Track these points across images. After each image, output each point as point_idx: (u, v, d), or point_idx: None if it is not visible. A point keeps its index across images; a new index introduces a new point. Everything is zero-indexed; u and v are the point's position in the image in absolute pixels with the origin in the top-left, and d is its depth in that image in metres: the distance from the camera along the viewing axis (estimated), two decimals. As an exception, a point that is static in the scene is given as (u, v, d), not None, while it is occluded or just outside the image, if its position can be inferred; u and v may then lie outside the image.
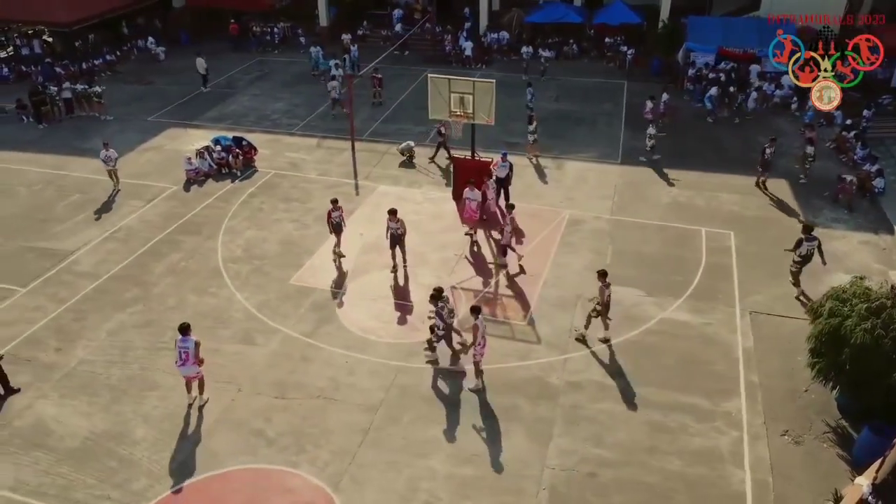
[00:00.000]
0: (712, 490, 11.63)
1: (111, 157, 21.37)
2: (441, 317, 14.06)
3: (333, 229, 17.58)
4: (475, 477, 11.86)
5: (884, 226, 19.58)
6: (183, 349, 12.74)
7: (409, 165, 23.44)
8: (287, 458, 12.24)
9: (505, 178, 19.97)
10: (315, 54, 32.12)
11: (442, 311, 14.01)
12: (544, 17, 34.11)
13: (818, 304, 13.24)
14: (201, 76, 30.89)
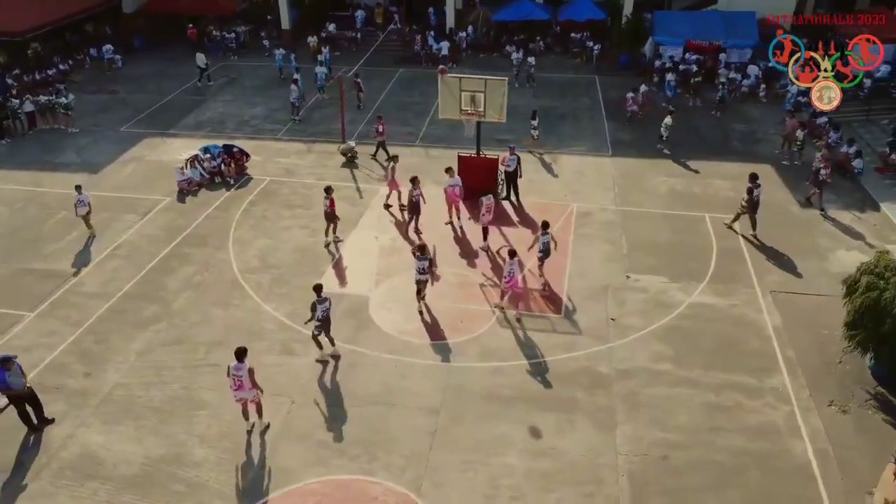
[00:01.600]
0: (779, 463, 12.11)
1: (84, 202, 18.72)
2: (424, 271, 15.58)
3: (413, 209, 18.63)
4: (553, 470, 11.97)
5: (869, 203, 20.76)
6: (237, 376, 12.17)
7: (352, 166, 23.28)
8: (361, 467, 12.03)
9: (514, 171, 20.14)
10: (279, 57, 31.43)
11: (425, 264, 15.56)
12: (511, 16, 34.47)
13: (852, 279, 13.96)
14: (199, 70, 30.84)
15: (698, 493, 11.52)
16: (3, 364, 12.21)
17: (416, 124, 26.82)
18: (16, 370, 12.39)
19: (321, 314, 13.97)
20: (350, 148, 23.56)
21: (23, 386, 12.50)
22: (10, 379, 12.28)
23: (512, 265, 15.40)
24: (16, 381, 12.39)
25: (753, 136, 25.68)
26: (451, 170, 19.04)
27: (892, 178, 22.03)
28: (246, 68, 33.67)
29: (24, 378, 12.56)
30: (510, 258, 15.44)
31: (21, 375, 12.50)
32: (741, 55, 30.16)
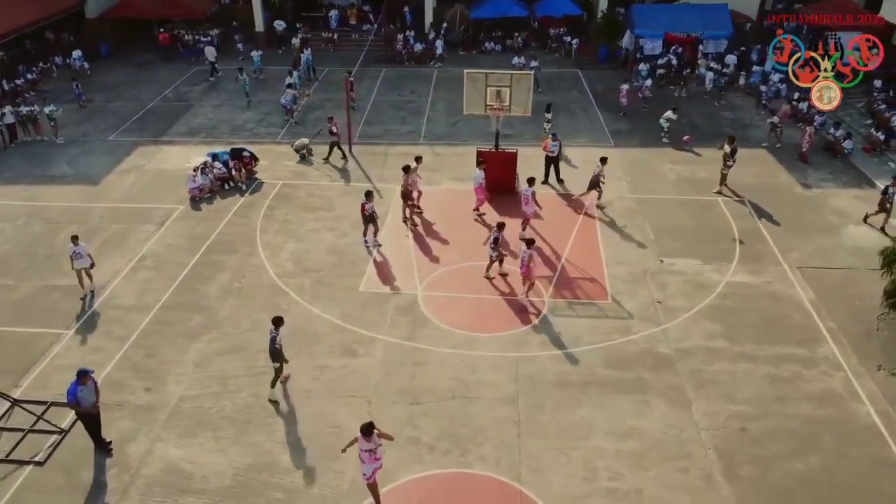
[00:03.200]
0: (848, 426, 12.80)
1: (82, 254, 16.19)
2: None
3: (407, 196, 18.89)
4: (642, 449, 12.31)
5: (865, 181, 22.00)
6: (367, 449, 10.59)
7: (307, 162, 23.34)
8: (456, 461, 12.09)
9: (556, 156, 21.00)
10: (257, 59, 30.84)
11: None
12: (489, 13, 34.80)
13: (890, 251, 14.85)
14: (210, 64, 31.29)
15: (782, 460, 12.07)
16: (79, 377, 11.73)
17: (415, 123, 26.84)
18: (90, 386, 11.90)
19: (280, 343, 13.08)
20: (304, 144, 23.53)
21: (93, 403, 12.02)
22: (81, 394, 11.78)
23: (525, 254, 15.57)
24: (87, 397, 11.89)
25: (741, 122, 26.79)
26: (482, 163, 19.40)
27: (878, 156, 23.39)
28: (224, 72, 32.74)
29: (96, 396, 12.09)
30: (527, 246, 15.63)
31: (94, 393, 12.03)
32: (717, 46, 31.35)
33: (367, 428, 10.52)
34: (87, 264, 16.40)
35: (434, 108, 28.35)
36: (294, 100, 26.83)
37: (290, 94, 26.65)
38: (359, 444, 10.63)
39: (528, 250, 15.53)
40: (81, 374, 11.76)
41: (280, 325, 13.13)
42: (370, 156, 23.92)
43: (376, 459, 10.77)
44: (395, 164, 23.07)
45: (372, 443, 10.57)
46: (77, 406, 11.93)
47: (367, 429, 10.52)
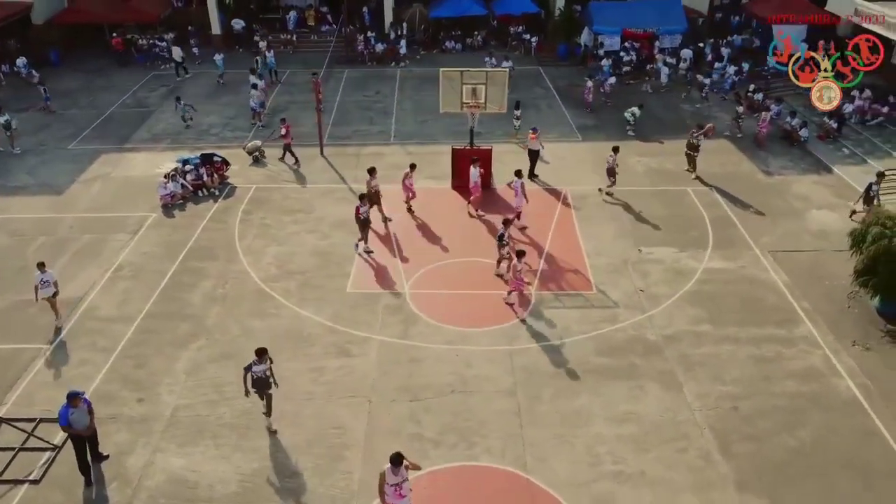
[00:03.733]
0: (831, 400, 13.40)
1: (48, 282, 15.03)
2: None
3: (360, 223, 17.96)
4: (640, 432, 12.65)
5: (822, 167, 22.97)
6: (394, 483, 9.93)
7: (260, 164, 23.14)
8: (463, 454, 12.22)
9: (537, 151, 21.49)
10: (220, 62, 30.31)
11: None
12: (449, 12, 34.99)
13: (858, 232, 15.58)
14: (176, 63, 31.17)
15: (774, 436, 12.57)
16: (69, 400, 11.21)
17: (384, 123, 26.84)
18: (82, 408, 11.33)
19: (257, 375, 12.19)
20: (256, 146, 23.29)
21: (86, 426, 11.44)
22: (73, 417, 11.24)
23: (518, 265, 15.58)
24: (79, 419, 11.31)
25: (702, 114, 27.59)
26: (476, 162, 19.60)
27: (832, 143, 24.45)
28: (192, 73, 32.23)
29: (89, 417, 11.52)
30: (518, 259, 15.63)
31: (87, 414, 11.46)
32: (672, 41, 32.26)
33: (397, 458, 9.69)
34: (51, 293, 15.08)
35: (401, 107, 28.39)
36: (262, 103, 26.47)
37: (257, 97, 26.27)
38: (385, 478, 9.88)
39: (519, 262, 15.61)
40: (71, 396, 11.22)
41: (264, 356, 12.18)
42: (342, 157, 23.83)
43: (401, 497, 9.91)
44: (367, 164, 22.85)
45: (399, 476, 9.80)
46: (69, 429, 11.40)
47: (396, 458, 9.68)
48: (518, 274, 15.61)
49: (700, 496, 11.41)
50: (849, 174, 22.22)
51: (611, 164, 20.58)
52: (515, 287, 15.87)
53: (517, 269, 15.57)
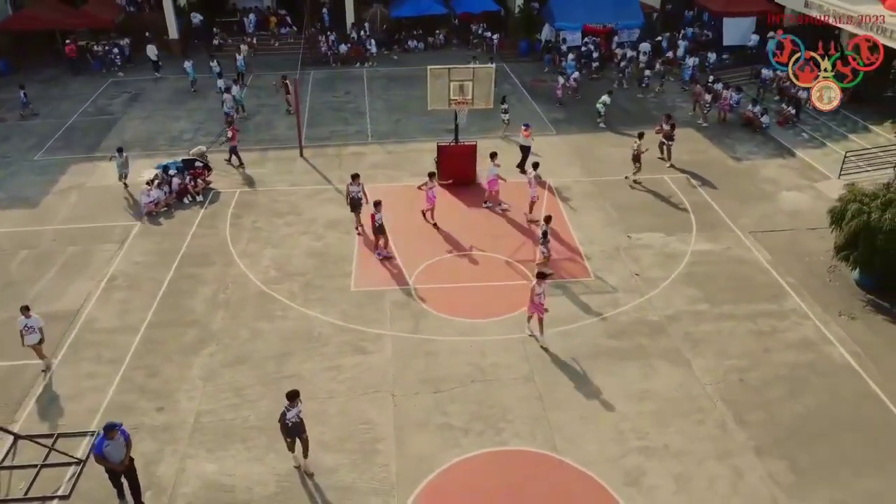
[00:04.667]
0: (828, 367, 14.26)
1: (33, 328, 13.82)
2: None
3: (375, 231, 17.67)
4: (659, 409, 13.20)
5: (785, 151, 24.18)
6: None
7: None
8: (492, 440, 12.51)
9: (528, 146, 22.02)
10: (191, 69, 29.70)
11: None
12: (410, 11, 35.17)
13: (837, 210, 16.54)
14: (153, 62, 31.43)
15: (781, 403, 13.32)
16: (105, 432, 10.71)
17: (359, 123, 26.85)
18: (119, 440, 10.85)
19: (292, 421, 11.42)
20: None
21: (121, 460, 10.95)
22: (107, 449, 10.75)
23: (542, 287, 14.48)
24: (115, 453, 10.82)
25: (665, 104, 28.61)
26: (495, 155, 19.94)
27: (791, 128, 25.73)
28: (140, 82, 31.40)
29: (126, 449, 11.01)
30: (540, 280, 14.46)
31: (123, 447, 10.97)
32: (630, 35, 33.27)
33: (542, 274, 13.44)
34: (37, 340, 13.83)
35: (373, 107, 28.44)
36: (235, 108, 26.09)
37: (230, 102, 25.91)
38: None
39: (540, 285, 14.39)
40: (108, 428, 10.69)
41: (296, 400, 11.37)
42: (323, 158, 23.78)
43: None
44: (351, 165, 23.16)
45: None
46: (103, 461, 10.92)
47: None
48: (538, 298, 14.50)
49: (723, 463, 12.02)
50: (811, 157, 23.48)
51: (636, 150, 21.30)
52: (534, 310, 14.76)
53: (536, 292, 14.42)
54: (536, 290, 14.37)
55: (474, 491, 11.57)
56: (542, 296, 14.43)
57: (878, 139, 23.79)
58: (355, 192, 18.59)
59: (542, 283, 14.43)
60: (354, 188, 18.57)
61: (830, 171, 22.23)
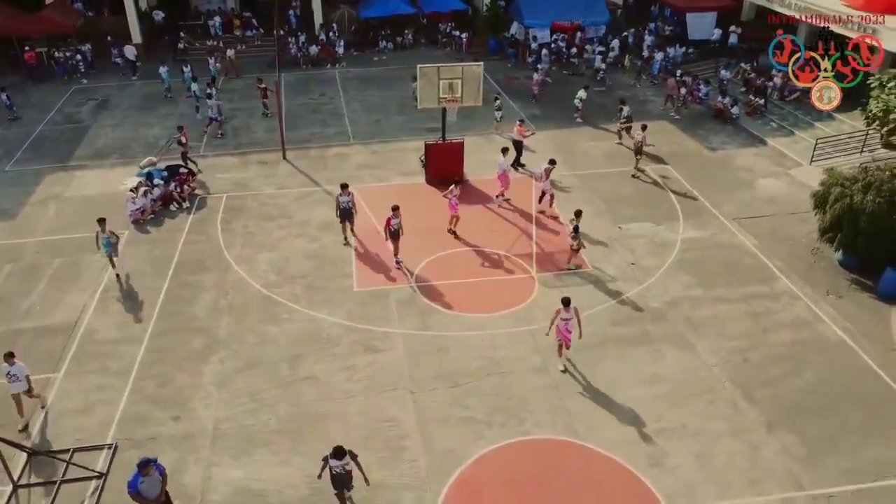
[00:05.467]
0: (823, 344, 14.91)
1: (19, 375, 12.67)
2: None
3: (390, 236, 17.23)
4: (670, 391, 13.63)
5: (757, 140, 25.05)
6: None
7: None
8: (515, 430, 12.73)
9: (521, 141, 22.45)
10: (165, 74, 29.04)
11: None
12: (379, 12, 35.12)
13: (820, 194, 17.27)
14: (130, 63, 31.37)
15: (785, 380, 13.89)
16: (140, 469, 10.30)
17: (339, 124, 26.72)
18: (154, 475, 10.47)
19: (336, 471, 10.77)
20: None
21: (156, 495, 10.60)
22: (142, 486, 10.35)
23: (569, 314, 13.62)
24: (150, 489, 10.44)
25: (637, 98, 29.27)
26: (506, 150, 20.26)
27: (760, 118, 26.64)
28: (106, 89, 30.56)
29: (162, 485, 10.64)
30: (565, 307, 13.55)
31: (159, 482, 10.60)
32: (597, 31, 33.95)
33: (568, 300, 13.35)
34: (25, 388, 12.75)
35: (350, 108, 28.34)
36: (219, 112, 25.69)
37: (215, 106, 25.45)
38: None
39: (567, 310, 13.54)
40: (143, 464, 10.26)
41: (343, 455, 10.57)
42: (307, 160, 23.62)
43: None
44: (336, 166, 23.19)
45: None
46: (139, 498, 10.54)
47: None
48: (566, 324, 13.66)
49: (739, 439, 12.49)
50: (781, 145, 24.40)
51: (639, 141, 21.92)
52: (561, 337, 13.86)
53: (563, 317, 13.54)
54: (563, 315, 13.54)
55: (504, 480, 11.76)
56: (570, 322, 13.61)
57: (842, 126, 24.81)
58: (345, 202, 18.00)
59: (569, 309, 13.52)
60: (345, 198, 17.94)
61: (802, 158, 23.16)
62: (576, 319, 13.58)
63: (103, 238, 16.75)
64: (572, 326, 13.61)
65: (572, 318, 13.57)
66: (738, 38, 32.41)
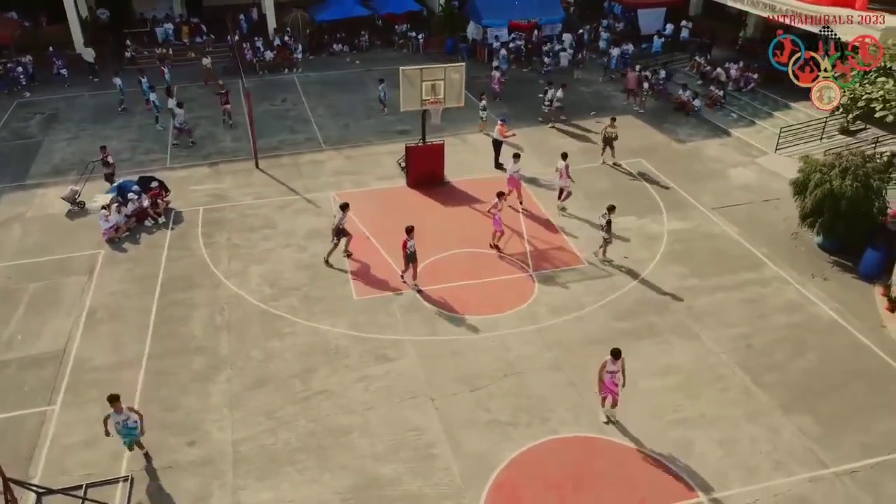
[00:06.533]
0: (818, 325, 15.50)
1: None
2: None
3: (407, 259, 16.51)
4: (684, 381, 13.90)
5: (720, 131, 25.85)
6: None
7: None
8: (541, 429, 12.73)
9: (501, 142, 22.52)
10: (120, 84, 27.76)
11: None
12: (334, 14, 34.59)
13: (799, 181, 17.94)
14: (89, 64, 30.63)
15: (790, 362, 14.36)
16: None
17: (307, 130, 26.16)
18: None
19: None
20: (75, 192, 20.16)
21: None
22: None
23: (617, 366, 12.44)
24: None
25: (600, 94, 29.79)
26: (518, 156, 20.00)
27: (720, 110, 27.48)
28: (52, 102, 29.03)
29: None
30: (614, 359, 12.35)
31: None
32: (553, 29, 34.37)
33: (617, 351, 12.27)
34: None
35: (316, 113, 27.79)
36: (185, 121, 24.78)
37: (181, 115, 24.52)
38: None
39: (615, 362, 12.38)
40: None
41: None
42: (280, 168, 23.03)
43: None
44: (312, 173, 22.76)
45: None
46: None
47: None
48: (611, 377, 12.45)
49: (757, 423, 12.84)
50: (745, 135, 25.24)
51: (608, 134, 22.49)
52: (606, 391, 12.67)
53: (608, 369, 12.40)
54: (609, 366, 12.35)
55: (541, 481, 11.74)
56: (616, 375, 12.39)
57: (798, 115, 25.88)
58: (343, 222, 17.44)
59: (617, 361, 12.29)
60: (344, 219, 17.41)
61: (766, 147, 24.03)
62: (622, 371, 12.41)
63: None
64: (618, 379, 12.43)
65: (619, 370, 12.36)
66: (689, 32, 33.38)
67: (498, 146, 22.57)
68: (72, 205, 20.22)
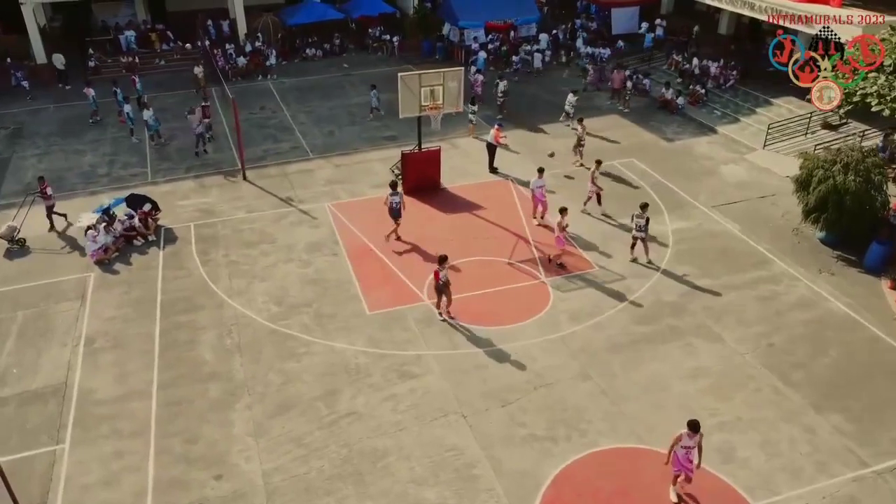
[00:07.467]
0: (833, 320, 15.63)
1: None
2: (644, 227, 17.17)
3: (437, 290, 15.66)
4: (714, 384, 13.81)
5: (706, 128, 26.05)
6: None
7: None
8: (581, 442, 12.47)
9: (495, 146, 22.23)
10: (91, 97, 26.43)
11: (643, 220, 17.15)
12: (306, 18, 33.77)
13: (802, 177, 18.09)
14: (58, 71, 29.56)
15: (813, 359, 14.43)
16: None
17: (292, 139, 25.38)
18: None
19: None
20: (13, 229, 18.52)
21: None
22: None
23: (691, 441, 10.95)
24: None
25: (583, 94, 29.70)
26: (542, 171, 19.31)
27: (703, 107, 27.71)
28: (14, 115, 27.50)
29: None
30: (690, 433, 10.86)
31: None
32: (528, 30, 34.26)
33: (696, 424, 10.79)
34: None
35: (298, 121, 27.02)
36: None
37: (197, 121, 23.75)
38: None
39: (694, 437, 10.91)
40: None
41: None
42: (268, 179, 22.27)
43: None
44: (303, 183, 22.11)
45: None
46: None
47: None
48: (686, 452, 11.01)
49: (793, 424, 12.83)
50: (731, 132, 25.48)
51: (579, 134, 22.55)
52: (680, 469, 11.21)
53: (683, 444, 10.97)
54: (685, 441, 10.91)
55: (590, 498, 11.46)
56: (692, 451, 10.99)
57: (780, 110, 26.30)
58: (395, 202, 18.05)
59: (695, 436, 10.84)
60: (395, 198, 18.05)
61: (754, 143, 24.30)
62: (699, 448, 10.98)
63: None
64: (693, 455, 11.01)
65: (695, 446, 10.92)
66: (664, 31, 33.65)
67: (492, 150, 22.24)
68: (10, 243, 18.33)
